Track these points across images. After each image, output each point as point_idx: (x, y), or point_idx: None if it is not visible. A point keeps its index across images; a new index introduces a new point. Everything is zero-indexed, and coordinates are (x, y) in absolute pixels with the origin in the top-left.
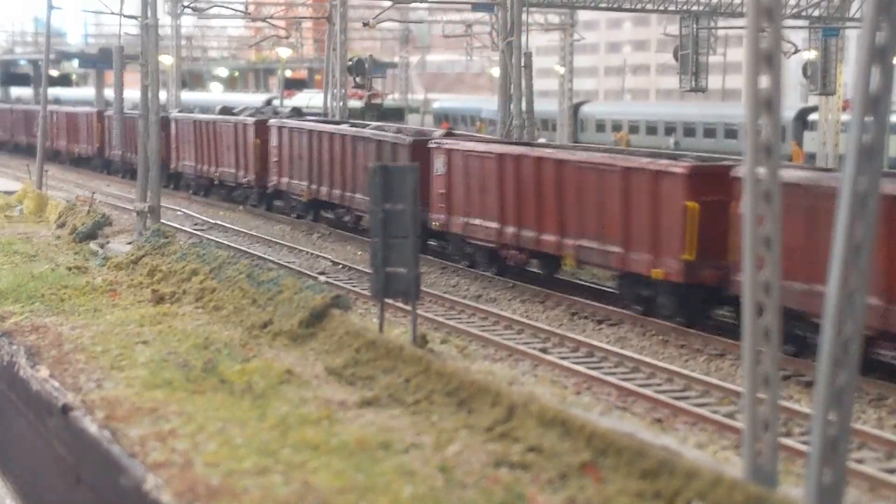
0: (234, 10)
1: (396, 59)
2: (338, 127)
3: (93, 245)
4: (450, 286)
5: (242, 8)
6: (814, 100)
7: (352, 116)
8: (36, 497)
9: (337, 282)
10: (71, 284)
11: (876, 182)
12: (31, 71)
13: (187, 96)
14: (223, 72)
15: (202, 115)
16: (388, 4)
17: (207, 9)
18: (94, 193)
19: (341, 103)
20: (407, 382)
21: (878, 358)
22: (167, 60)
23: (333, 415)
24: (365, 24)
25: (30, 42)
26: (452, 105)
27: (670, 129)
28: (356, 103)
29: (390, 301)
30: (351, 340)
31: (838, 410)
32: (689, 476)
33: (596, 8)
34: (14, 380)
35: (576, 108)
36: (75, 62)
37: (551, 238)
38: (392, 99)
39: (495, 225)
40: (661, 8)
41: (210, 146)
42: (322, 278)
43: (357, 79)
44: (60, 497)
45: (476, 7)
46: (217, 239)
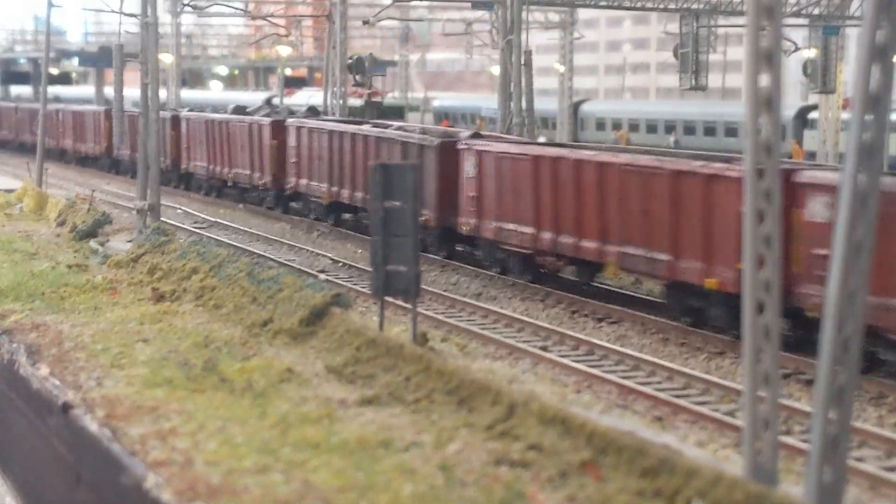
0: (234, 9)
1: (396, 58)
2: (360, 127)
3: (93, 243)
4: (450, 284)
5: (242, 6)
6: (814, 98)
7: (351, 115)
8: (36, 495)
9: (337, 280)
10: (71, 282)
11: (876, 181)
12: (31, 69)
13: (187, 95)
14: (223, 70)
15: (215, 115)
16: (388, 3)
17: (207, 7)
18: (94, 191)
19: (341, 102)
20: (407, 381)
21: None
22: (167, 59)
23: (334, 413)
24: (365, 23)
25: (30, 40)
26: (452, 103)
27: (670, 128)
28: (356, 101)
29: (390, 299)
30: (351, 339)
31: (839, 409)
32: (690, 474)
33: (596, 6)
34: (14, 378)
35: (576, 107)
36: (75, 60)
37: (592, 245)
38: (392, 97)
39: (531, 230)
40: (662, 6)
41: (223, 146)
42: (322, 276)
43: (357, 77)
44: (60, 495)
45: (476, 5)
46: (217, 237)
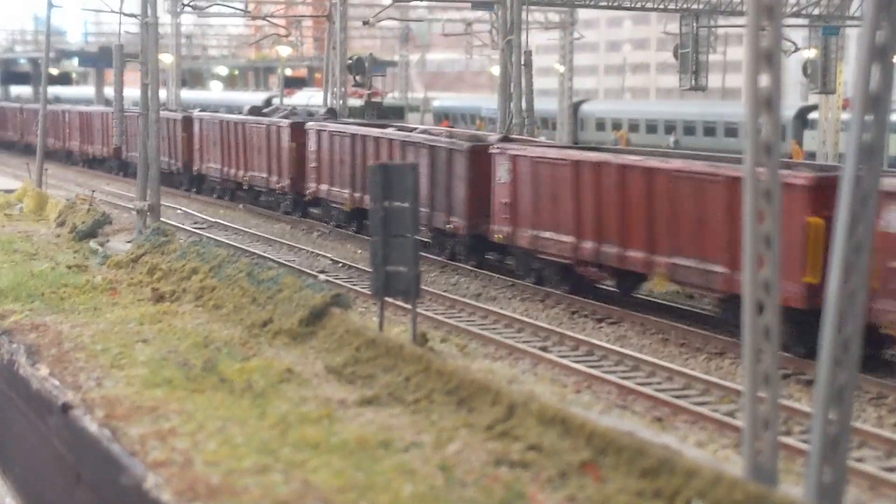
0: (234, 9)
1: (396, 58)
2: (384, 131)
3: (93, 243)
4: (450, 285)
5: (242, 6)
6: (814, 98)
7: (351, 115)
8: (36, 496)
9: (337, 280)
10: (71, 283)
11: (876, 181)
12: (31, 69)
13: (187, 95)
14: (223, 70)
15: (230, 115)
16: (388, 3)
17: (207, 7)
18: (94, 192)
19: (341, 102)
20: (407, 381)
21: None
22: (167, 59)
23: (333, 413)
24: (365, 23)
25: (30, 41)
26: (452, 104)
27: (670, 128)
28: (356, 102)
29: (390, 300)
30: (351, 339)
31: (838, 409)
32: (689, 475)
33: (596, 6)
34: (14, 378)
35: (576, 107)
36: (75, 61)
37: (638, 255)
38: (392, 97)
39: (570, 239)
40: (661, 6)
41: (239, 148)
42: (322, 277)
43: (357, 77)
44: (60, 496)
45: (476, 5)
46: (217, 237)
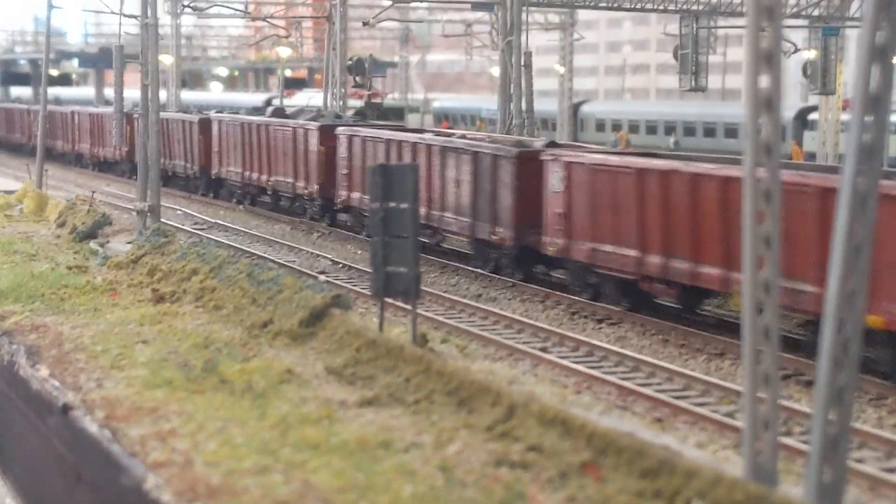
0: (234, 10)
1: (396, 59)
2: (421, 136)
3: (93, 244)
4: (450, 285)
5: (242, 7)
6: (814, 99)
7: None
8: (36, 496)
9: (337, 281)
10: (71, 284)
11: (876, 181)
12: (31, 70)
13: (187, 96)
14: (223, 71)
15: (252, 118)
16: (388, 4)
17: (207, 8)
18: (94, 193)
19: (341, 103)
20: (407, 382)
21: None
22: (167, 60)
23: (334, 414)
24: (365, 24)
25: (30, 41)
26: (452, 104)
27: (670, 129)
28: (356, 103)
29: (390, 300)
30: (351, 340)
31: (838, 410)
32: (690, 475)
33: (596, 7)
34: (14, 379)
35: (576, 108)
36: (75, 61)
37: (713, 271)
38: (392, 98)
39: (634, 253)
40: (661, 7)
41: (262, 152)
42: (322, 277)
43: (357, 78)
44: (60, 496)
45: (476, 6)
46: (217, 238)
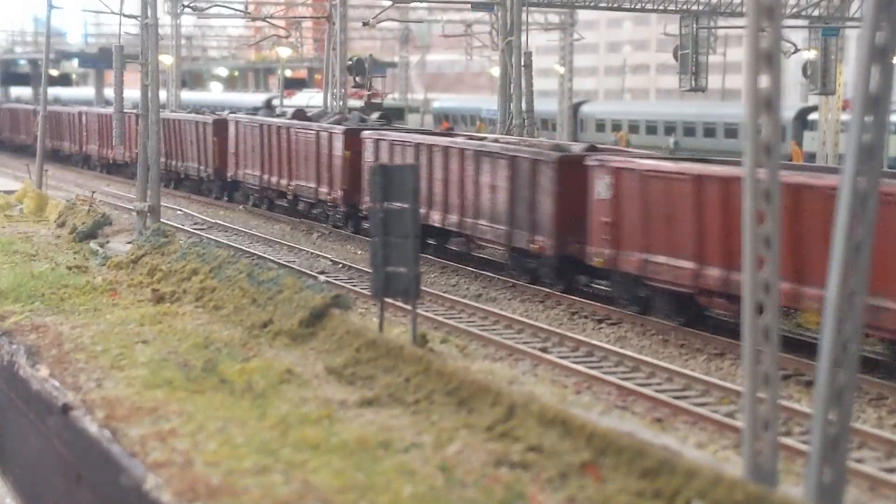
0: (234, 10)
1: (396, 59)
2: (454, 140)
3: (93, 244)
4: (449, 285)
5: (242, 7)
6: (814, 99)
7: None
8: (36, 496)
9: (337, 281)
10: (71, 284)
11: (876, 181)
12: (31, 70)
13: (187, 96)
14: (223, 71)
15: (272, 119)
16: (388, 4)
17: (207, 8)
18: (94, 193)
19: (341, 103)
20: (407, 382)
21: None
22: (167, 60)
23: (333, 414)
24: (365, 24)
25: (30, 42)
26: (452, 105)
27: (670, 129)
28: (356, 103)
29: (390, 300)
30: (351, 340)
31: (838, 410)
32: (689, 475)
33: (596, 7)
34: (14, 379)
35: (575, 108)
36: (75, 62)
37: (782, 285)
38: (392, 99)
39: (690, 265)
40: (661, 7)
41: (282, 155)
42: (322, 278)
43: (357, 78)
44: (60, 496)
45: (476, 7)
46: (217, 238)
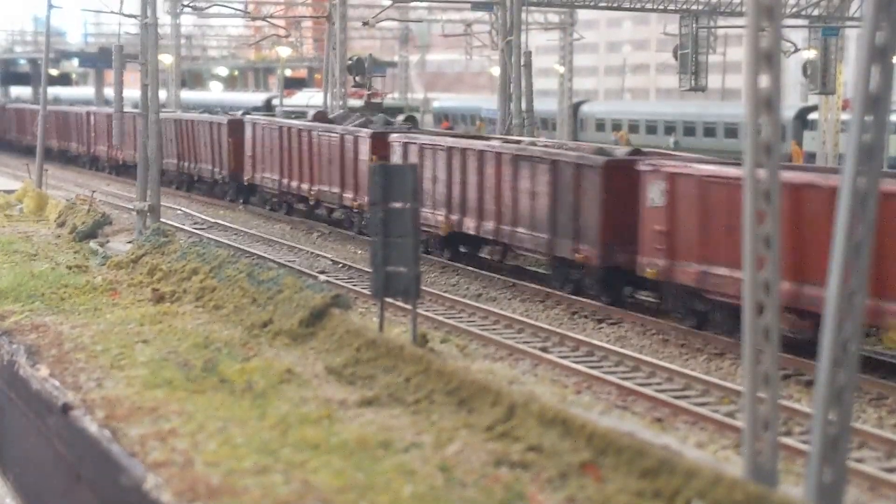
0: (234, 10)
1: (396, 59)
2: (489, 143)
3: (93, 244)
4: (450, 285)
5: (242, 7)
6: (814, 99)
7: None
8: (36, 496)
9: (337, 281)
10: (71, 283)
11: (876, 181)
12: (31, 70)
13: (187, 95)
14: (223, 71)
15: (293, 122)
16: (388, 4)
17: (207, 8)
18: (94, 192)
19: (341, 102)
20: (407, 382)
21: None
22: (167, 59)
23: (334, 414)
24: (365, 24)
25: (29, 41)
26: (452, 104)
27: (670, 129)
28: (356, 102)
29: (390, 300)
30: (351, 340)
31: (838, 410)
32: (689, 475)
33: (595, 7)
34: (14, 379)
35: (575, 108)
36: (75, 61)
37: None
38: (392, 98)
39: None
40: (661, 7)
41: (304, 159)
42: (322, 277)
43: (357, 78)
44: (60, 496)
45: (476, 6)
46: (217, 238)
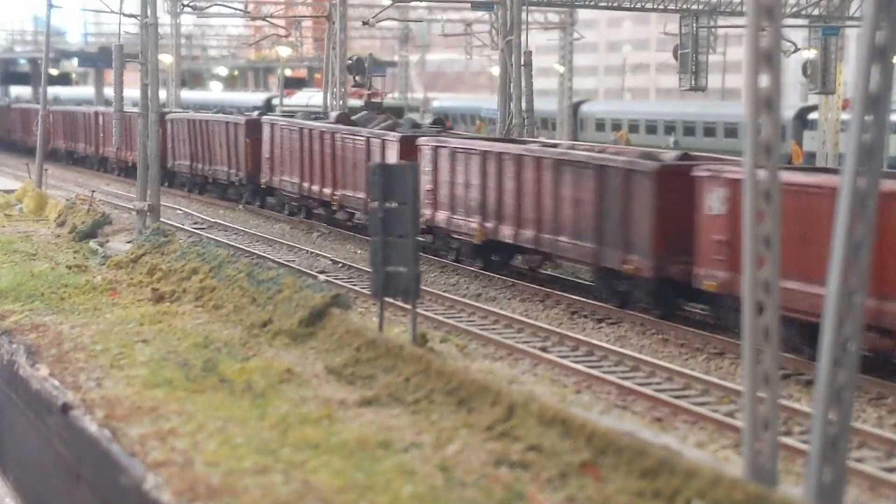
0: (234, 9)
1: (396, 58)
2: (528, 147)
3: (92, 244)
4: (449, 285)
5: (242, 7)
6: (814, 99)
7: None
8: (35, 496)
9: (337, 280)
10: (71, 283)
11: (876, 181)
12: (31, 70)
13: (187, 95)
14: (223, 71)
15: (315, 123)
16: (388, 3)
17: (207, 7)
18: (94, 192)
19: (341, 102)
20: (407, 381)
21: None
22: (167, 59)
23: (333, 414)
24: (365, 23)
25: (29, 41)
26: (452, 104)
27: (670, 128)
28: (356, 102)
29: (390, 300)
30: (351, 339)
31: (838, 409)
32: (689, 475)
33: (596, 7)
34: (14, 378)
35: (575, 107)
36: (75, 61)
37: None
38: (392, 98)
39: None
40: (661, 7)
41: (326, 162)
42: (322, 277)
43: (357, 78)
44: (60, 496)
45: (476, 6)
46: (217, 238)
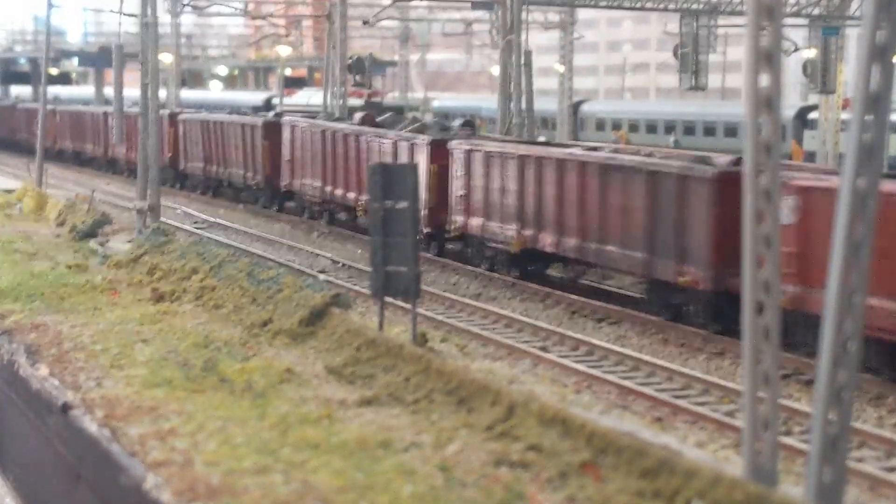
0: (234, 9)
1: (396, 58)
2: (570, 151)
3: (92, 243)
4: (449, 285)
5: (242, 6)
6: (814, 98)
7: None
8: (35, 496)
9: (337, 280)
10: (71, 283)
11: (876, 181)
12: (31, 69)
13: (187, 94)
14: (223, 70)
15: (337, 125)
16: (388, 3)
17: (207, 7)
18: (94, 192)
19: (341, 102)
20: (407, 381)
21: None
22: (167, 59)
23: (333, 414)
24: (365, 23)
25: (29, 40)
26: (452, 104)
27: (670, 128)
28: (356, 101)
29: (390, 300)
30: (351, 339)
31: (838, 409)
32: (689, 475)
33: (596, 6)
34: (14, 378)
35: (575, 107)
36: (75, 60)
37: None
38: (392, 97)
39: None
40: (662, 6)
41: (349, 166)
42: (322, 277)
43: (357, 77)
44: (60, 496)
45: (476, 5)
46: (217, 237)
